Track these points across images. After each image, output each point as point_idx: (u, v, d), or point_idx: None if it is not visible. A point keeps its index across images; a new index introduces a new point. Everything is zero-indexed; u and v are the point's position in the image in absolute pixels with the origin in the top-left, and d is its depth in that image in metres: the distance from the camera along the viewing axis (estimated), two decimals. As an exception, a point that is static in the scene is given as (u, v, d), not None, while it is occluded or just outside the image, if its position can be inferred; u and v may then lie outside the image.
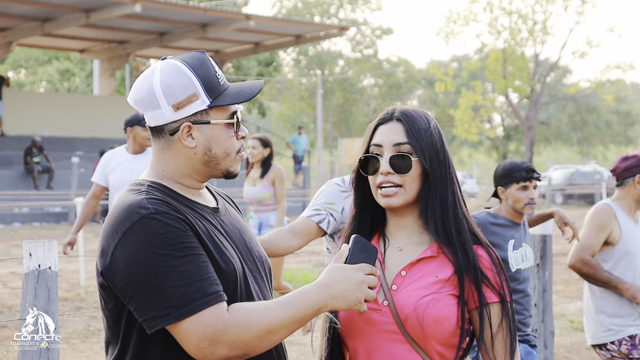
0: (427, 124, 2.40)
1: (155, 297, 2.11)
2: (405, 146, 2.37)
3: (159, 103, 2.25)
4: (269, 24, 26.30)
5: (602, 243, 5.07)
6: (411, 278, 2.36)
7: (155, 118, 2.28)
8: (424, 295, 2.32)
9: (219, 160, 2.31)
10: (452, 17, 34.62)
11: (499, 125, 53.21)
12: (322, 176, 32.12)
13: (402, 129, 2.39)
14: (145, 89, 2.27)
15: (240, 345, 2.13)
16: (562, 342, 8.47)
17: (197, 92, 2.26)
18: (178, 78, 2.25)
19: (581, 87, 37.72)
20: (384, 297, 2.35)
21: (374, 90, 53.10)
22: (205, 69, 2.28)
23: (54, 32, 24.69)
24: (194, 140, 2.28)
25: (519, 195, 4.75)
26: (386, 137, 2.40)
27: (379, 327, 2.34)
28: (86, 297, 10.34)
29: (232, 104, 2.31)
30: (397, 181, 2.36)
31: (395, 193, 2.36)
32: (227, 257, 2.26)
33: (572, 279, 12.52)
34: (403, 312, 2.32)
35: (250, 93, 2.31)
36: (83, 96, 34.22)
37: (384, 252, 2.43)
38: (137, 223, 2.15)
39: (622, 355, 5.03)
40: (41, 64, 48.70)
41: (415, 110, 2.43)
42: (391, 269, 2.40)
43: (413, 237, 2.42)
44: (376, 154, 2.40)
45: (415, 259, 2.37)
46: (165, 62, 2.30)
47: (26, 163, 22.09)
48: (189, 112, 2.26)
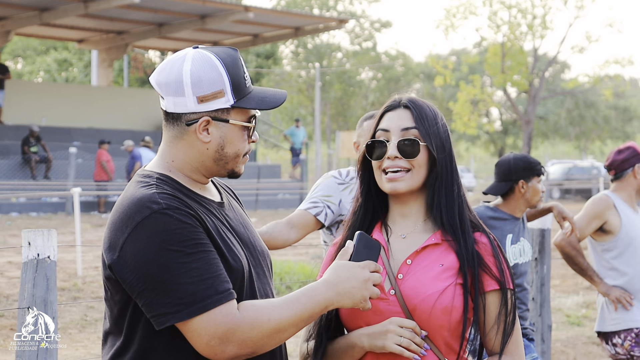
0: (433, 114, 2.42)
1: (166, 294, 2.10)
2: (413, 131, 2.38)
3: (184, 91, 2.22)
4: (267, 16, 26.25)
5: (594, 231, 5.13)
6: (417, 266, 2.36)
7: (176, 105, 2.25)
8: (431, 285, 2.31)
9: (228, 159, 2.30)
10: (452, 10, 34.56)
11: (497, 120, 53.20)
12: (320, 169, 32.08)
13: (409, 115, 2.40)
14: (174, 74, 2.23)
15: (250, 343, 2.13)
16: (559, 336, 8.49)
17: (224, 89, 2.24)
18: (209, 71, 2.22)
19: (580, 82, 37.67)
20: (390, 286, 2.35)
21: (373, 84, 53.03)
22: (236, 68, 2.26)
23: (52, 21, 24.61)
24: (209, 136, 2.26)
25: (539, 188, 4.79)
26: (394, 123, 2.40)
27: (387, 316, 2.33)
28: (83, 287, 10.33)
29: (254, 109, 2.29)
30: (405, 165, 2.36)
31: (401, 177, 2.36)
32: (235, 254, 2.25)
33: (569, 274, 12.53)
34: (411, 301, 2.31)
35: (274, 102, 2.29)
36: (81, 86, 34.17)
37: (387, 241, 2.42)
38: (148, 218, 2.13)
39: (625, 352, 5.04)
40: (39, 54, 48.61)
41: (423, 100, 2.45)
42: (396, 257, 2.40)
43: (417, 225, 2.42)
44: (383, 139, 2.40)
45: (420, 247, 2.37)
46: (198, 51, 2.26)
47: (24, 153, 22.05)
48: (212, 107, 2.24)
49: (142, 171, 2.31)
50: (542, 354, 5.96)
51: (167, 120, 2.29)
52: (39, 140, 22.21)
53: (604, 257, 5.16)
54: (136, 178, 2.28)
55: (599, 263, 5.20)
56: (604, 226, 5.12)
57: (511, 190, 4.81)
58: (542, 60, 39.13)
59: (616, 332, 5.08)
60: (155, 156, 2.35)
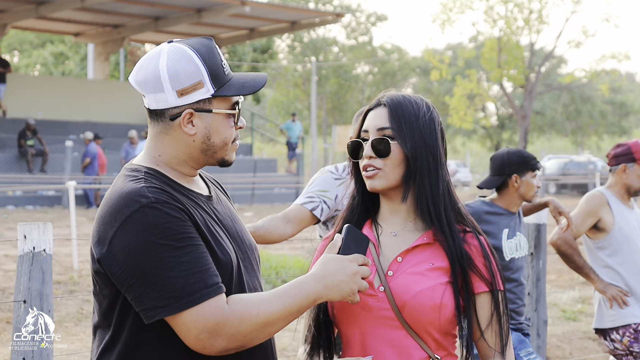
0: (415, 109, 2.40)
1: (155, 288, 2.10)
2: (387, 130, 2.39)
3: (162, 87, 2.23)
4: (264, 10, 26.22)
5: (589, 228, 5.12)
6: (407, 264, 2.36)
7: (157, 101, 2.25)
8: (421, 282, 2.32)
9: (216, 149, 2.30)
10: (449, 4, 34.55)
11: (493, 114, 53.20)
12: (316, 163, 32.09)
13: (386, 113, 2.40)
14: (151, 71, 2.24)
15: (239, 337, 2.13)
16: (554, 331, 8.51)
17: (202, 80, 2.24)
18: (185, 64, 2.23)
19: (576, 77, 37.67)
20: (379, 283, 2.35)
21: (369, 78, 53.02)
22: (212, 57, 2.26)
23: (48, 15, 24.56)
24: (194, 128, 2.26)
25: (533, 182, 4.79)
26: (372, 122, 2.42)
27: (375, 312, 2.34)
28: (79, 281, 10.33)
29: (236, 95, 2.29)
30: (378, 165, 2.38)
31: (375, 174, 2.38)
32: (224, 248, 2.25)
33: (565, 269, 12.54)
34: (400, 298, 2.32)
35: (254, 86, 2.29)
36: (77, 80, 34.10)
37: (377, 238, 2.42)
38: (137, 212, 2.13)
39: (624, 347, 5.04)
40: (35, 47, 48.50)
41: (406, 96, 2.43)
42: (386, 254, 2.40)
43: (407, 223, 2.42)
44: (363, 138, 2.43)
45: (410, 246, 2.38)
46: (173, 45, 2.27)
47: (20, 146, 22.02)
48: (193, 100, 2.24)
49: (130, 165, 2.31)
50: (538, 349, 5.97)
51: (151, 117, 2.29)
52: (35, 134, 22.19)
53: (598, 255, 5.16)
54: (124, 172, 2.28)
55: (593, 261, 5.19)
56: (597, 224, 5.11)
57: (505, 185, 4.81)
58: (538, 55, 39.13)
59: (614, 328, 5.07)
60: (142, 151, 2.35)
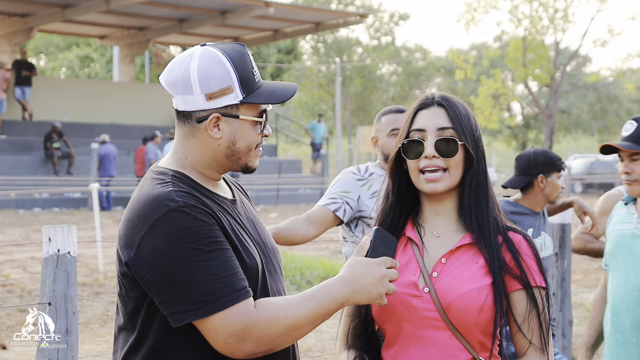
0: (466, 111, 2.41)
1: (184, 292, 2.11)
2: (449, 130, 2.37)
3: (192, 89, 2.24)
4: (288, 11, 26.26)
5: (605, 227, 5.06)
6: (452, 265, 2.36)
7: (185, 103, 2.26)
8: (467, 283, 2.32)
9: (240, 155, 2.30)
10: (473, 4, 34.42)
11: (519, 114, 52.94)
12: (341, 164, 32.08)
13: (444, 113, 2.39)
14: (181, 73, 2.25)
15: (267, 341, 2.14)
16: (580, 331, 8.44)
17: (232, 85, 2.24)
18: (216, 68, 2.23)
19: (602, 76, 37.40)
20: (424, 284, 2.35)
21: (393, 78, 52.91)
22: (244, 64, 2.27)
23: (74, 18, 24.76)
24: (220, 132, 2.27)
25: (558, 183, 4.76)
26: (429, 122, 2.39)
27: (420, 313, 2.33)
28: (105, 282, 10.40)
29: (264, 104, 2.30)
30: (442, 165, 2.36)
31: (440, 178, 2.36)
32: (250, 252, 2.26)
33: (591, 268, 12.47)
34: (445, 299, 2.31)
35: (283, 96, 2.30)
36: (103, 82, 34.34)
37: (421, 239, 2.41)
38: (165, 215, 2.14)
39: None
40: (61, 50, 48.86)
41: (454, 97, 2.44)
42: (431, 255, 2.40)
43: (451, 223, 2.42)
44: (419, 138, 2.39)
45: (454, 246, 2.37)
46: (205, 49, 2.27)
47: (46, 149, 22.17)
48: (221, 104, 2.25)
49: (156, 167, 2.32)
50: (563, 350, 5.93)
51: (178, 118, 2.30)
52: (61, 136, 22.34)
53: None
54: (150, 175, 2.29)
55: None
56: None
57: (530, 185, 4.78)
58: (563, 54, 38.88)
59: None
60: (168, 153, 2.36)
